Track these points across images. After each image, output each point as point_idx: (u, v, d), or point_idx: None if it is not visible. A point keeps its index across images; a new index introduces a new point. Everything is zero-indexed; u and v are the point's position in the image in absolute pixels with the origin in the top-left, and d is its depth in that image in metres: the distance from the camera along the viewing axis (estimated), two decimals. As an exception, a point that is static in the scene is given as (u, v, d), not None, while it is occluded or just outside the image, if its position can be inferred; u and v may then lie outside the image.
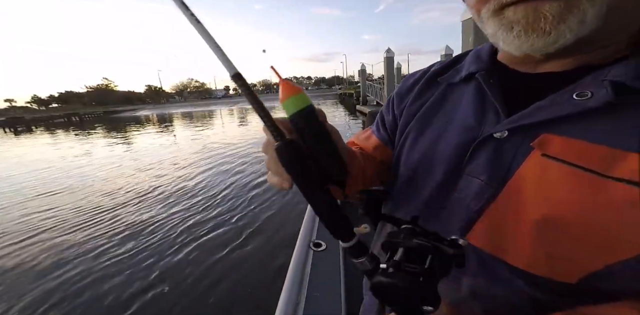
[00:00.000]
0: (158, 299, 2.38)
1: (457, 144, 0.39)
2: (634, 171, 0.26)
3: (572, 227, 0.30)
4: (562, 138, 0.31)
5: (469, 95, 0.41)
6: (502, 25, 0.31)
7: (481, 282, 0.37)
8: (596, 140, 0.29)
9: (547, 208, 0.31)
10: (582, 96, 0.30)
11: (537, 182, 0.31)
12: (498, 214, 0.35)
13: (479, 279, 0.37)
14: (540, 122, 0.32)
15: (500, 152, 0.35)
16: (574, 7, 0.27)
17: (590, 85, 0.30)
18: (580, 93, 0.30)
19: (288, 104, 0.28)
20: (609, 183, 0.28)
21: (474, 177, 0.37)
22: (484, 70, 0.41)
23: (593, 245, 0.29)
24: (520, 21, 0.30)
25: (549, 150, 0.31)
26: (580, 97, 0.30)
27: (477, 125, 0.38)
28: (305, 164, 0.28)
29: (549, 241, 0.31)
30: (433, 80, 0.48)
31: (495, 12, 0.32)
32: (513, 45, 0.32)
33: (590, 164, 0.29)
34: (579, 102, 0.30)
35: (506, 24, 0.31)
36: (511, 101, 0.36)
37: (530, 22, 0.29)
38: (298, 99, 0.28)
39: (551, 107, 0.32)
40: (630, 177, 0.27)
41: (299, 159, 0.28)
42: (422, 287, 0.26)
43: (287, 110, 0.29)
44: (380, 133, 0.56)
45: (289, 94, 0.28)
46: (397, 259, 0.28)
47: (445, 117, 0.43)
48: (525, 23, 0.29)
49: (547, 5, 0.28)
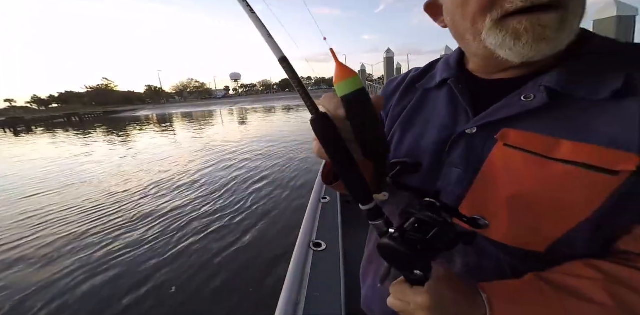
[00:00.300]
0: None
1: (436, 140, 0.46)
2: (568, 153, 0.34)
3: (533, 201, 0.37)
4: (517, 131, 0.38)
5: (443, 98, 0.49)
6: (507, 34, 0.35)
7: (472, 259, 0.43)
8: (540, 131, 0.37)
9: (513, 187, 0.38)
10: (527, 98, 0.38)
11: (503, 166, 0.39)
12: (477, 196, 0.41)
13: (470, 256, 0.43)
14: (500, 119, 0.39)
15: (472, 145, 0.42)
16: (567, 18, 0.33)
17: (532, 89, 0.38)
18: (526, 96, 0.38)
19: (342, 85, 0.31)
20: (552, 163, 0.35)
21: (453, 167, 0.43)
22: (454, 77, 0.48)
23: (550, 215, 0.36)
24: (529, 30, 0.34)
25: (508, 141, 0.39)
26: (526, 99, 0.38)
27: (451, 124, 0.45)
28: (335, 133, 0.31)
29: (519, 215, 0.38)
30: (411, 86, 0.56)
31: (498, 22, 0.35)
32: (520, 53, 0.36)
33: (537, 149, 0.36)
34: (525, 103, 0.38)
35: (512, 34, 0.35)
36: (477, 103, 0.44)
37: (538, 31, 0.33)
38: (352, 81, 0.31)
39: (506, 107, 0.39)
40: (566, 157, 0.34)
41: (328, 128, 0.31)
42: (417, 254, 0.30)
43: (340, 91, 0.32)
44: None
45: (344, 77, 0.31)
46: (405, 227, 0.32)
47: (425, 119, 0.50)
48: (533, 32, 0.33)
49: (548, 16, 0.33)
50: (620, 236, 0.36)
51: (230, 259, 2.89)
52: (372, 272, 0.61)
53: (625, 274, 0.34)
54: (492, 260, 0.42)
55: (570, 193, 0.35)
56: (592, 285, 0.34)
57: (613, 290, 0.34)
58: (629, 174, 0.32)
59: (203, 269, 2.75)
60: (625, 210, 0.34)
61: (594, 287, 0.34)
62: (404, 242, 0.30)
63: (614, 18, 5.15)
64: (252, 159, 7.03)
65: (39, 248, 3.40)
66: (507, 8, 0.34)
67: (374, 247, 0.59)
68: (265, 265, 2.73)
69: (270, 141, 9.44)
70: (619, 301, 0.33)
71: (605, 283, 0.34)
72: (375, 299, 0.59)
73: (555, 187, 0.35)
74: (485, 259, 0.42)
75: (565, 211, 0.35)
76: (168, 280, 2.62)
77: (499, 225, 0.39)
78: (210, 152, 8.40)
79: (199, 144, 10.32)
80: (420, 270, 0.32)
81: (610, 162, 0.32)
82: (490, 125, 0.40)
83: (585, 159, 0.33)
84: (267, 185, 5.02)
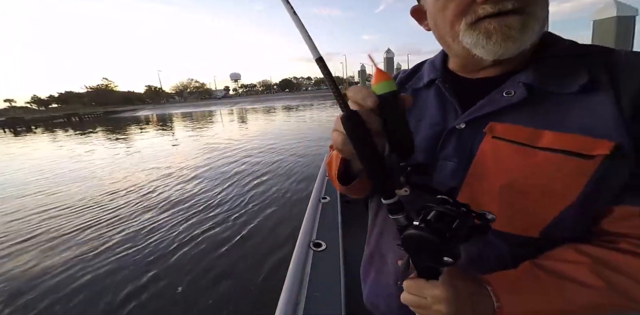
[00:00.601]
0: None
1: (430, 137, 0.49)
2: (550, 142, 0.38)
3: (523, 188, 0.40)
4: (503, 124, 0.42)
5: (432, 97, 0.52)
6: (480, 34, 0.40)
7: (473, 249, 0.46)
8: (523, 124, 0.41)
9: (504, 175, 0.41)
10: (508, 94, 0.42)
11: (493, 157, 0.42)
12: (471, 186, 0.44)
13: (471, 247, 0.45)
14: (485, 114, 0.43)
15: (463, 139, 0.45)
16: (528, 21, 0.38)
17: (512, 86, 0.42)
18: (507, 92, 0.42)
19: (380, 86, 0.35)
20: (536, 151, 0.39)
21: (447, 160, 0.46)
22: (440, 77, 0.52)
23: (540, 200, 0.39)
24: (497, 30, 0.39)
25: (495, 133, 0.42)
26: (508, 95, 0.42)
27: (442, 120, 0.49)
28: (365, 129, 0.34)
29: (511, 202, 0.41)
30: (401, 87, 0.59)
31: (472, 25, 0.40)
32: (492, 50, 0.40)
33: (522, 139, 0.40)
34: (507, 98, 0.42)
35: (484, 33, 0.40)
36: (463, 100, 0.48)
37: (505, 31, 0.38)
38: (389, 84, 0.35)
39: (491, 103, 0.43)
40: (548, 145, 0.38)
41: (358, 125, 0.33)
42: (446, 241, 0.32)
43: (378, 91, 0.35)
44: None
45: (383, 79, 0.35)
46: (429, 218, 0.34)
47: (417, 117, 0.53)
48: (501, 32, 0.39)
49: (512, 19, 0.38)
50: (603, 217, 0.40)
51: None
52: (373, 271, 0.62)
53: (609, 257, 0.38)
54: (492, 249, 0.44)
55: (554, 179, 0.38)
56: (581, 268, 0.38)
57: (600, 272, 0.37)
58: (603, 157, 0.35)
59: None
60: (604, 192, 0.37)
61: (583, 270, 0.38)
62: (434, 231, 0.32)
63: (614, 18, 5.15)
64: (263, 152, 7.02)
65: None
66: (479, 13, 0.39)
67: (375, 246, 0.61)
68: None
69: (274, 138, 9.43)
70: (607, 282, 0.37)
71: (592, 266, 0.38)
72: (379, 295, 0.59)
73: (542, 174, 0.39)
74: (487, 247, 0.45)
75: (553, 196, 0.39)
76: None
77: (495, 213, 0.41)
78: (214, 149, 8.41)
79: (220, 139, 10.32)
80: (451, 256, 0.33)
81: (587, 147, 0.36)
82: (478, 120, 0.44)
83: (565, 146, 0.37)
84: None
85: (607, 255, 0.38)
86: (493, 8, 0.38)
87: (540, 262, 0.41)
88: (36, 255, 3.20)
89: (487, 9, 0.38)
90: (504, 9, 0.38)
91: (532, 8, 0.38)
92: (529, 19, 0.38)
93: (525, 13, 0.38)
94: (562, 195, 0.38)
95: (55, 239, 3.53)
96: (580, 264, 0.38)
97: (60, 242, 3.44)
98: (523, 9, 0.38)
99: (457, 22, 0.42)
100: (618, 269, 0.37)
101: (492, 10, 0.38)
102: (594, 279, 0.37)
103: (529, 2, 0.38)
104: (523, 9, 0.38)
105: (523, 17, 0.38)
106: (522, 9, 0.38)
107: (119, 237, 3.44)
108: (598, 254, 0.39)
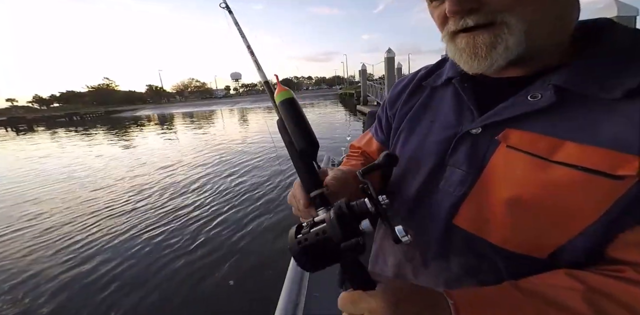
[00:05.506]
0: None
1: (441, 140, 0.45)
2: (571, 155, 0.33)
3: (534, 205, 0.35)
4: (519, 131, 0.37)
5: (448, 97, 0.48)
6: (455, 50, 0.39)
7: (470, 260, 0.42)
8: (545, 132, 0.36)
9: (513, 189, 0.37)
10: (534, 98, 0.37)
11: (504, 168, 0.38)
12: (477, 198, 0.40)
13: (468, 258, 0.42)
14: (505, 119, 0.39)
15: (476, 146, 0.41)
16: (499, 37, 0.35)
17: (540, 88, 0.37)
18: (532, 95, 0.37)
19: (279, 96, 0.47)
20: (553, 166, 0.34)
21: (456, 167, 0.42)
22: (459, 76, 0.47)
23: (550, 220, 0.35)
24: (465, 49, 0.38)
25: (510, 142, 0.38)
26: (533, 98, 0.37)
27: (456, 123, 0.45)
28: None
29: (517, 218, 0.37)
30: (419, 85, 0.56)
31: (450, 38, 0.40)
32: (465, 67, 0.40)
33: (540, 151, 0.35)
34: (532, 102, 0.37)
35: (456, 51, 0.39)
36: (482, 102, 0.43)
37: (472, 51, 0.37)
38: (285, 93, 0.47)
39: (512, 107, 0.38)
40: (568, 160, 0.33)
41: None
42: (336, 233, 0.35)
43: (277, 99, 0.47)
44: (379, 136, 0.64)
45: (281, 90, 0.47)
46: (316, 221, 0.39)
47: (431, 118, 0.50)
48: (469, 51, 0.37)
49: (481, 36, 0.36)
50: (609, 242, 0.33)
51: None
52: (375, 271, 0.60)
53: (609, 286, 0.32)
54: (489, 263, 0.40)
55: (572, 199, 0.33)
56: (570, 294, 0.32)
57: (593, 301, 0.31)
58: (634, 179, 0.30)
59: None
60: (630, 217, 0.31)
61: (572, 296, 0.32)
62: (316, 233, 0.39)
63: (614, 18, 5.13)
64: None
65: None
66: (452, 29, 0.38)
67: (380, 247, 0.59)
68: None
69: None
70: (598, 311, 0.31)
71: (586, 293, 0.32)
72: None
73: (557, 192, 0.34)
74: (483, 261, 0.41)
75: (568, 218, 0.34)
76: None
77: (499, 230, 0.38)
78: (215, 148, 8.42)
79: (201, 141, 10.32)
80: (352, 237, 0.34)
81: (615, 165, 0.30)
82: (496, 125, 0.39)
83: (588, 163, 0.32)
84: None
85: (606, 283, 0.32)
86: (455, 26, 0.37)
87: (522, 283, 0.35)
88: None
89: (451, 27, 0.38)
90: (466, 26, 0.36)
91: (507, 18, 0.34)
92: (500, 33, 0.35)
93: (497, 27, 0.35)
94: (579, 219, 0.33)
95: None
96: (571, 290, 0.32)
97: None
98: (493, 23, 0.35)
99: (442, 31, 0.41)
100: (616, 300, 0.31)
101: (455, 28, 0.37)
102: (584, 306, 0.31)
103: (501, 11, 0.34)
104: (492, 22, 0.35)
105: (493, 32, 0.35)
106: (492, 23, 0.35)
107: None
108: (596, 282, 0.32)
